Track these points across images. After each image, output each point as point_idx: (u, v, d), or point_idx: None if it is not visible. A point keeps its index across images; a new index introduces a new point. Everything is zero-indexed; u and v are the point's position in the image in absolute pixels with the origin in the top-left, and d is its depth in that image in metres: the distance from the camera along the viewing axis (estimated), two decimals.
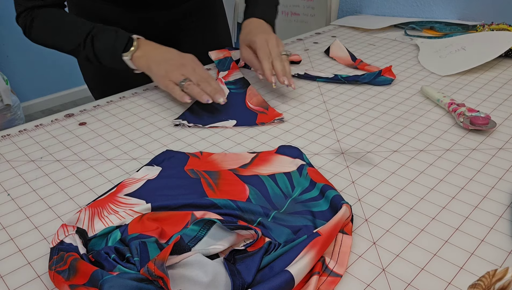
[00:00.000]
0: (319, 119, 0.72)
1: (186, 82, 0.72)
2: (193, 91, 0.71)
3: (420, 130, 0.67)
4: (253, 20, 0.86)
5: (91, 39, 0.76)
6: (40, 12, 0.79)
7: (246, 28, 0.85)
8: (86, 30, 0.76)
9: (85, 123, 0.73)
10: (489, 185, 0.54)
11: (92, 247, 0.45)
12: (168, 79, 0.73)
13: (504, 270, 0.31)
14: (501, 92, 0.79)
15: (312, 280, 0.39)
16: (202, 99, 0.70)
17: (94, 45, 0.76)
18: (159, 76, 0.74)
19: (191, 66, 0.75)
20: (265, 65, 0.76)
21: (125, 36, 0.76)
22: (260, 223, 0.46)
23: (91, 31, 0.76)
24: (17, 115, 2.09)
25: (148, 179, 0.55)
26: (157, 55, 0.76)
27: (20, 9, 0.80)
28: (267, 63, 0.76)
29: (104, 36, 0.76)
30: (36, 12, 0.79)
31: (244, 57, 0.84)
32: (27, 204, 0.53)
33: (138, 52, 0.76)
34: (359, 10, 1.42)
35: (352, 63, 0.94)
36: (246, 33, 0.84)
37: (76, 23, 0.78)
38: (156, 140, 0.67)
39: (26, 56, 2.45)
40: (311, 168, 0.55)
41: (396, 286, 0.40)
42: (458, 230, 0.47)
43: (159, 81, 0.75)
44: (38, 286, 0.42)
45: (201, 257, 0.40)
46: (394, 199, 0.52)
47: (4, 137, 0.68)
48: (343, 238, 0.45)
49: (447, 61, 0.92)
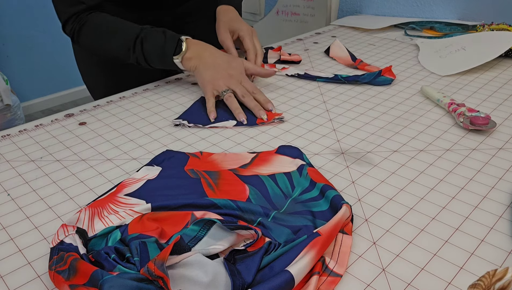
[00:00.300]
0: (319, 119, 0.72)
1: (227, 93, 0.73)
2: (232, 105, 0.72)
3: (420, 130, 0.67)
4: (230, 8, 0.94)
5: (140, 42, 0.77)
6: (88, 18, 0.80)
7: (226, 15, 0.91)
8: (135, 34, 0.77)
9: (85, 123, 0.73)
10: (489, 185, 0.54)
11: (92, 247, 0.45)
12: (212, 86, 0.75)
13: (504, 270, 0.31)
14: (501, 92, 0.79)
15: (312, 280, 0.39)
16: (239, 117, 0.71)
17: (144, 48, 0.77)
18: (204, 80, 0.76)
19: (238, 79, 0.76)
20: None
21: (174, 38, 0.77)
22: (260, 223, 0.46)
23: (140, 34, 0.77)
24: (17, 115, 2.09)
25: (148, 179, 0.55)
26: (207, 57, 0.77)
27: (66, 17, 0.80)
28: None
29: (152, 38, 0.77)
30: (84, 18, 0.80)
31: (223, 40, 0.88)
32: (27, 204, 0.53)
33: (188, 53, 0.77)
34: (359, 10, 1.42)
35: (352, 63, 0.94)
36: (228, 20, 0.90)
37: (125, 27, 0.79)
38: (156, 140, 0.67)
39: (26, 56, 2.45)
40: (311, 168, 0.55)
41: (396, 286, 0.40)
42: (458, 230, 0.47)
43: (203, 84, 0.76)
44: (38, 286, 0.42)
45: (201, 257, 0.40)
46: (394, 199, 0.52)
47: (4, 137, 0.68)
48: (343, 238, 0.45)
49: (447, 61, 0.92)
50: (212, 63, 0.77)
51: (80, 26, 0.80)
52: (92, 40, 0.81)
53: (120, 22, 0.80)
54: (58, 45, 2.51)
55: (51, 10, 0.83)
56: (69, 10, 0.79)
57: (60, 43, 2.49)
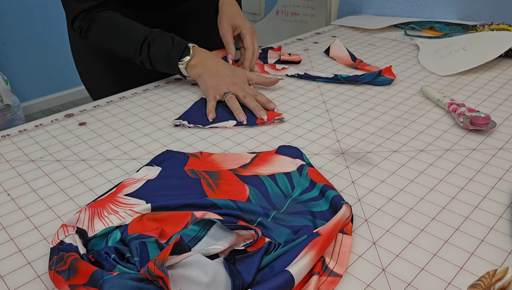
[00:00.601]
0: (319, 119, 0.72)
1: (229, 94, 0.74)
2: (232, 105, 0.73)
3: (420, 130, 0.67)
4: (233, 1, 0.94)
5: (148, 45, 0.78)
6: (98, 16, 0.80)
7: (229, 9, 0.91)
8: (143, 36, 0.78)
9: (85, 123, 0.73)
10: (489, 185, 0.54)
11: (92, 247, 0.45)
12: (214, 90, 0.75)
13: (504, 270, 0.31)
14: (501, 92, 0.79)
15: (312, 280, 0.39)
16: (239, 117, 0.71)
17: (150, 51, 0.78)
18: (208, 87, 0.76)
19: (241, 87, 0.76)
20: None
21: (182, 44, 0.78)
22: (260, 223, 0.46)
23: (148, 37, 0.78)
24: (17, 115, 2.09)
25: (148, 179, 0.55)
26: (211, 65, 0.78)
27: (74, 13, 0.81)
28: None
29: (160, 43, 0.78)
30: (94, 16, 0.80)
31: (224, 34, 0.88)
32: (27, 204, 0.53)
33: (193, 60, 0.78)
34: (359, 10, 1.42)
35: (352, 63, 0.94)
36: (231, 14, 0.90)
37: (134, 28, 0.80)
38: (156, 140, 0.67)
39: (26, 56, 2.45)
40: (311, 168, 0.55)
41: (396, 286, 0.40)
42: (458, 230, 0.47)
43: (206, 90, 0.76)
44: (38, 286, 0.42)
45: (201, 257, 0.40)
46: (394, 199, 0.52)
47: (4, 137, 0.68)
48: (343, 238, 0.45)
49: (447, 61, 0.92)
50: (216, 71, 0.77)
51: (90, 23, 0.80)
52: (101, 38, 0.81)
53: (130, 22, 0.81)
54: (58, 45, 2.51)
55: (51, 10, 0.83)
56: (79, 6, 0.80)
57: (60, 43, 2.49)
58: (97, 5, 0.80)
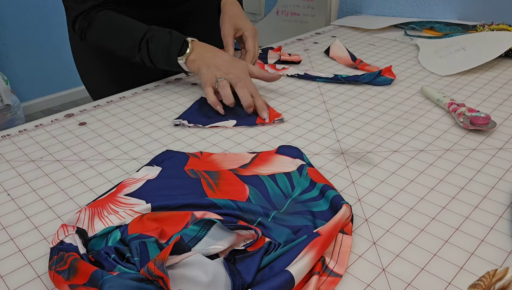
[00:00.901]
0: (319, 119, 0.72)
1: (221, 80, 0.73)
2: (223, 90, 0.72)
3: (420, 130, 0.67)
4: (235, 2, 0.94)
5: (146, 42, 0.77)
6: (96, 16, 0.80)
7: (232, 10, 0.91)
8: (142, 33, 0.78)
9: (85, 123, 0.73)
10: (489, 185, 0.54)
11: (92, 247, 0.44)
12: (211, 81, 0.75)
13: (504, 270, 0.31)
14: (501, 92, 0.79)
15: (312, 280, 0.39)
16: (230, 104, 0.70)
17: (149, 48, 0.78)
18: (205, 80, 0.76)
19: (239, 77, 0.75)
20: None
21: (180, 39, 0.77)
22: (260, 223, 0.46)
23: (146, 34, 0.78)
24: (17, 115, 2.09)
25: (148, 179, 0.55)
26: (209, 58, 0.77)
27: (75, 14, 0.81)
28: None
29: (159, 39, 0.77)
30: (93, 16, 0.80)
31: (225, 35, 0.88)
32: (27, 204, 0.53)
33: (192, 55, 0.77)
34: (359, 10, 1.42)
35: (352, 63, 0.94)
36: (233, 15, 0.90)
37: (132, 26, 0.79)
38: (156, 140, 0.67)
39: (26, 56, 2.45)
40: (311, 168, 0.55)
41: (396, 286, 0.40)
42: (458, 230, 0.47)
43: (205, 84, 0.76)
44: (38, 286, 0.42)
45: (201, 257, 0.40)
46: (394, 199, 0.52)
47: (4, 137, 0.68)
48: (343, 238, 0.45)
49: (447, 61, 0.92)
50: (214, 63, 0.76)
51: (89, 23, 0.80)
52: (99, 37, 0.81)
53: (128, 21, 0.80)
54: (58, 45, 2.51)
55: (51, 10, 0.83)
56: (79, 6, 0.80)
57: (60, 44, 2.49)
58: (96, 5, 0.80)
